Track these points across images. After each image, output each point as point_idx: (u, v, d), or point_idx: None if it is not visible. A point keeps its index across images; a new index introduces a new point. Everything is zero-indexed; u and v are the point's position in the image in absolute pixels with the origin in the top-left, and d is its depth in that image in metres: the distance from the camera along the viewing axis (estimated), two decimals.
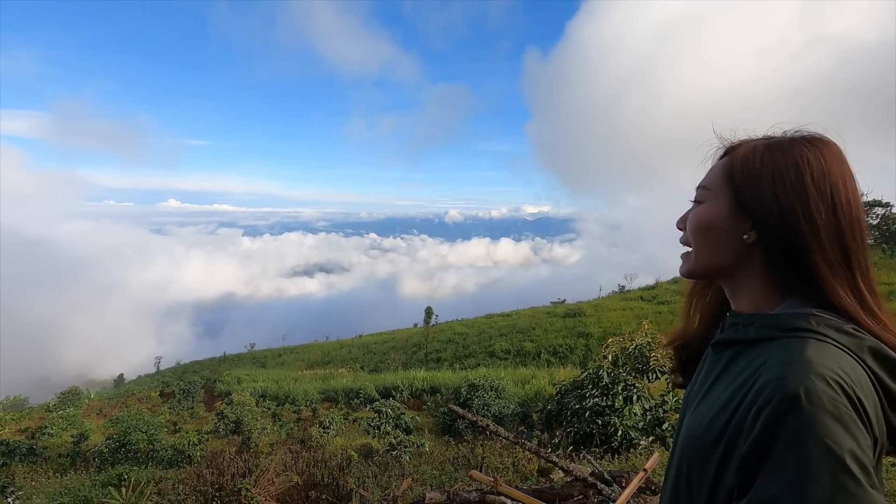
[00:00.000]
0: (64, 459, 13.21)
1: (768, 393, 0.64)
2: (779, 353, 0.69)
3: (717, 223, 0.80)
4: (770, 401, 0.63)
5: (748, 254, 0.78)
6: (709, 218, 0.81)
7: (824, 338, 0.69)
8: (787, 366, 0.65)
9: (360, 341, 44.54)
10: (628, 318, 31.04)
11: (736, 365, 0.77)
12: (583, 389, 7.98)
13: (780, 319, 0.74)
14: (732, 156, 0.81)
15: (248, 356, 46.79)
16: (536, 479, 4.34)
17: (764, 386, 0.65)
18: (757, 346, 0.75)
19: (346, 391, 21.24)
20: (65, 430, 17.29)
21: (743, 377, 0.72)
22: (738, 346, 0.79)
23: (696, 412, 0.79)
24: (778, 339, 0.72)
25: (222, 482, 3.33)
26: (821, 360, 0.65)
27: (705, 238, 0.82)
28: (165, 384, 28.15)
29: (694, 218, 0.84)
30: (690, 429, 0.77)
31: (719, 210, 0.80)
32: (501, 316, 42.25)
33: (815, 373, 0.63)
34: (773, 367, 0.67)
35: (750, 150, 0.79)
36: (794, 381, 0.63)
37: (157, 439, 13.05)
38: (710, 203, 0.82)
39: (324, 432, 13.32)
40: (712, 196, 0.82)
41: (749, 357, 0.75)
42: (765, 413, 0.63)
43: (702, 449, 0.72)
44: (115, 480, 7.82)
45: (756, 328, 0.76)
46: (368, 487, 3.69)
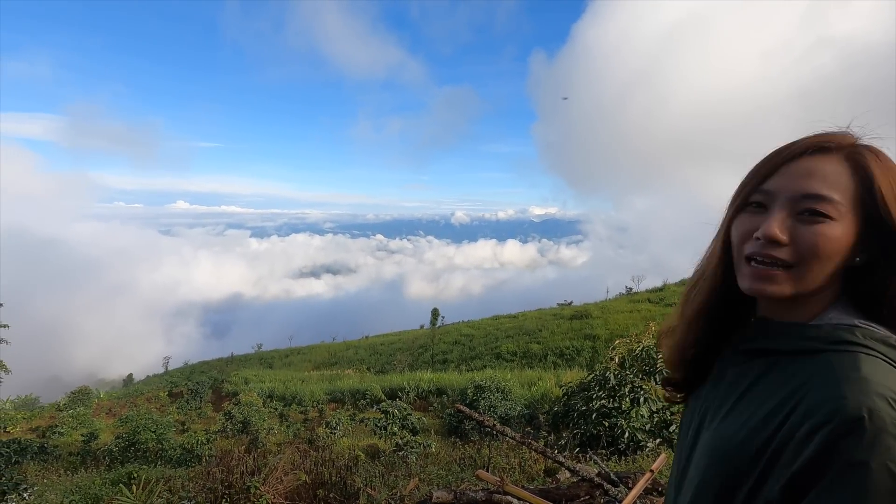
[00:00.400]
0: (74, 458, 13.36)
1: (825, 412, 0.61)
2: (830, 369, 0.65)
3: (849, 246, 0.70)
4: (829, 420, 0.60)
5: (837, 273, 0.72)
6: (844, 242, 0.69)
7: (873, 352, 0.66)
8: (845, 383, 0.62)
9: (367, 342, 44.62)
10: (635, 320, 30.88)
11: (773, 376, 0.72)
12: (589, 391, 7.97)
13: (824, 331, 0.70)
14: (862, 166, 0.71)
15: (255, 357, 47.02)
16: (543, 480, 4.35)
17: (819, 404, 0.62)
18: (797, 357, 0.70)
19: (352, 392, 21.30)
20: (75, 429, 17.47)
21: (785, 391, 0.68)
22: (773, 357, 0.74)
23: (724, 424, 0.74)
24: (823, 353, 0.68)
25: (232, 480, 3.37)
26: (879, 378, 0.62)
27: (830, 262, 0.70)
28: (174, 384, 28.36)
29: (825, 239, 0.69)
30: (720, 441, 0.72)
31: (853, 232, 0.70)
32: (508, 318, 42.18)
33: (875, 393, 0.60)
34: (828, 384, 0.63)
35: (883, 163, 0.71)
36: (854, 400, 0.60)
37: (166, 439, 13.17)
38: (842, 222, 0.69)
39: (330, 433, 13.38)
40: (845, 213, 0.69)
41: (790, 369, 0.70)
42: (823, 432, 0.60)
43: (736, 464, 0.68)
44: (125, 479, 7.90)
45: (797, 339, 0.71)
46: (376, 487, 3.72)
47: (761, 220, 0.73)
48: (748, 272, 0.74)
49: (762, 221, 0.73)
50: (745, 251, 0.74)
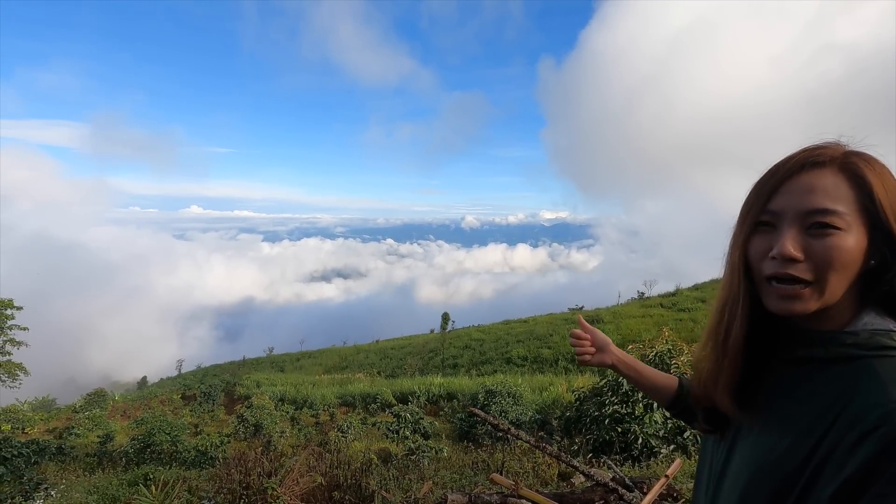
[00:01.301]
0: (91, 459, 13.56)
1: (877, 417, 0.61)
2: (875, 375, 0.65)
3: (861, 255, 0.71)
4: (879, 426, 0.60)
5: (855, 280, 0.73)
6: (856, 250, 0.71)
7: None
8: (893, 388, 0.62)
9: (377, 346, 44.72)
10: (648, 325, 30.60)
11: (811, 385, 0.72)
12: (602, 397, 7.93)
13: (863, 337, 0.70)
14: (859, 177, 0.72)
15: (266, 360, 47.34)
16: (557, 484, 4.35)
17: (868, 409, 0.62)
18: (835, 365, 0.71)
19: (363, 396, 21.35)
20: (91, 431, 17.72)
21: (828, 398, 0.68)
22: (811, 366, 0.74)
23: (762, 438, 0.74)
24: (864, 359, 0.68)
25: (249, 481, 3.43)
26: None
27: (847, 272, 0.71)
28: (187, 387, 28.65)
29: (840, 251, 0.70)
30: (763, 451, 0.72)
31: (863, 240, 0.71)
32: (518, 322, 42.04)
33: None
34: (875, 388, 0.64)
35: (881, 173, 0.72)
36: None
37: (180, 441, 13.32)
38: (851, 232, 0.71)
39: (342, 436, 13.44)
40: (851, 223, 0.71)
41: (828, 377, 0.70)
42: (874, 437, 0.60)
43: (783, 472, 0.68)
44: (142, 479, 8.02)
45: (836, 346, 0.71)
46: (390, 489, 3.76)
47: (774, 239, 0.74)
48: (772, 292, 0.74)
49: (775, 241, 0.74)
50: (765, 272, 0.75)
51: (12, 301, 17.16)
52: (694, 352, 0.95)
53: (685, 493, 3.50)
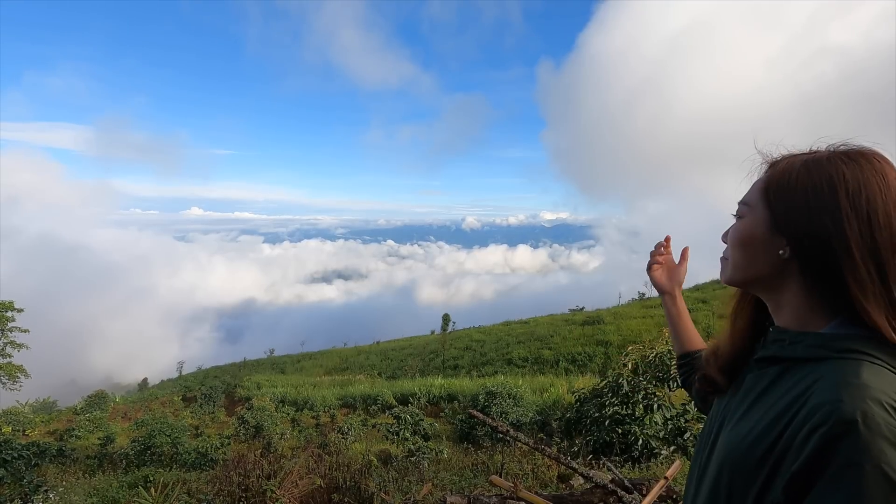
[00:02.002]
0: (92, 461, 13.55)
1: (822, 415, 0.63)
2: (832, 375, 0.68)
3: (753, 238, 0.81)
4: (825, 422, 0.62)
5: (787, 269, 0.78)
6: (746, 233, 0.82)
7: (878, 361, 0.68)
8: (843, 388, 0.65)
9: (378, 348, 44.71)
10: (648, 326, 30.55)
11: (782, 383, 0.76)
12: (602, 398, 7.92)
13: (831, 339, 0.73)
14: (770, 172, 0.82)
15: (267, 362, 47.33)
16: (556, 486, 4.34)
17: (817, 407, 0.65)
18: (805, 365, 0.74)
19: (363, 397, 21.34)
20: (92, 433, 17.73)
21: (791, 396, 0.71)
22: (785, 364, 0.78)
23: (737, 428, 0.78)
24: (829, 360, 0.71)
25: (248, 483, 3.43)
26: (878, 384, 0.65)
27: (742, 251, 0.83)
28: (188, 388, 28.69)
29: (732, 232, 0.85)
30: (732, 445, 0.76)
31: (756, 225, 0.81)
32: (519, 323, 42.00)
33: (872, 397, 0.63)
34: (828, 388, 0.66)
35: (787, 166, 0.79)
36: (850, 404, 0.62)
37: (181, 442, 13.32)
38: (748, 218, 0.83)
39: (342, 438, 13.43)
40: (750, 212, 0.83)
41: (797, 376, 0.74)
42: (818, 434, 0.62)
43: (746, 466, 0.72)
44: (142, 482, 8.02)
45: (805, 347, 0.75)
46: (389, 491, 3.75)
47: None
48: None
49: None
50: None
51: (13, 303, 17.18)
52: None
53: (684, 494, 3.49)
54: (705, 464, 0.85)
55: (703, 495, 0.81)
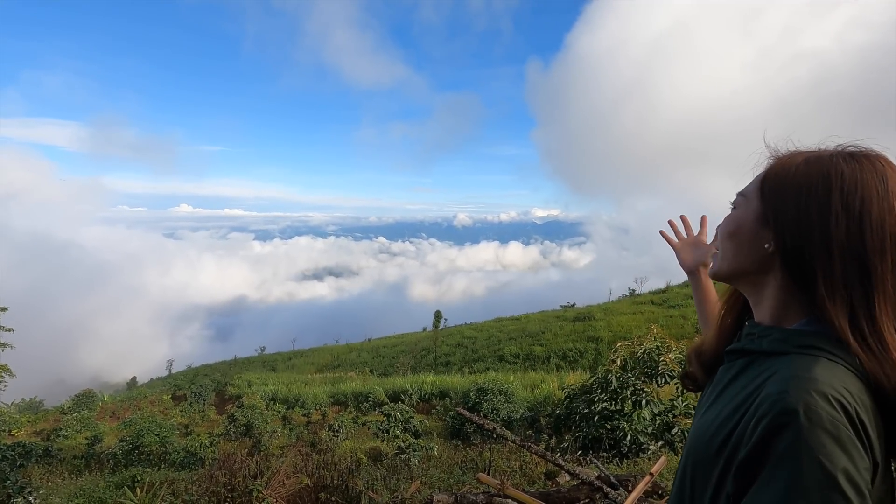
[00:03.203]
0: (79, 461, 13.41)
1: (767, 405, 0.64)
2: (785, 368, 0.69)
3: (743, 229, 0.81)
4: (768, 413, 0.64)
5: (770, 264, 0.78)
6: (736, 223, 0.82)
7: (836, 358, 0.68)
8: (791, 381, 0.66)
9: (370, 345, 44.64)
10: (639, 322, 30.79)
11: (746, 375, 0.77)
12: (591, 394, 7.96)
13: (794, 335, 0.74)
14: (770, 165, 0.81)
15: (258, 360, 47.10)
16: (543, 483, 4.36)
17: (765, 398, 0.66)
18: (768, 358, 0.75)
19: (355, 395, 21.31)
20: (79, 433, 17.53)
21: (750, 388, 0.72)
22: (750, 357, 0.79)
23: (703, 418, 0.80)
24: (789, 354, 0.72)
25: (234, 483, 3.39)
26: (826, 378, 0.65)
27: (731, 242, 0.83)
28: (177, 387, 28.44)
29: (724, 222, 0.86)
30: (695, 437, 0.78)
31: (747, 216, 0.81)
32: (511, 320, 42.15)
33: (816, 390, 0.63)
34: (777, 380, 0.67)
35: (787, 161, 0.79)
36: (794, 395, 0.63)
37: (170, 442, 13.20)
38: (741, 209, 0.83)
39: (333, 435, 13.39)
40: (745, 203, 0.82)
41: (759, 369, 0.75)
42: (762, 424, 0.63)
43: (706, 455, 0.73)
44: (129, 482, 7.94)
45: (770, 341, 0.76)
46: (377, 490, 3.74)
47: None
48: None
49: None
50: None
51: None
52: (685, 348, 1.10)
53: (670, 489, 3.52)
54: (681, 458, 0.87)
55: (674, 489, 0.83)
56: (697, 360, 0.94)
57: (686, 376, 1.00)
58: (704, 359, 0.93)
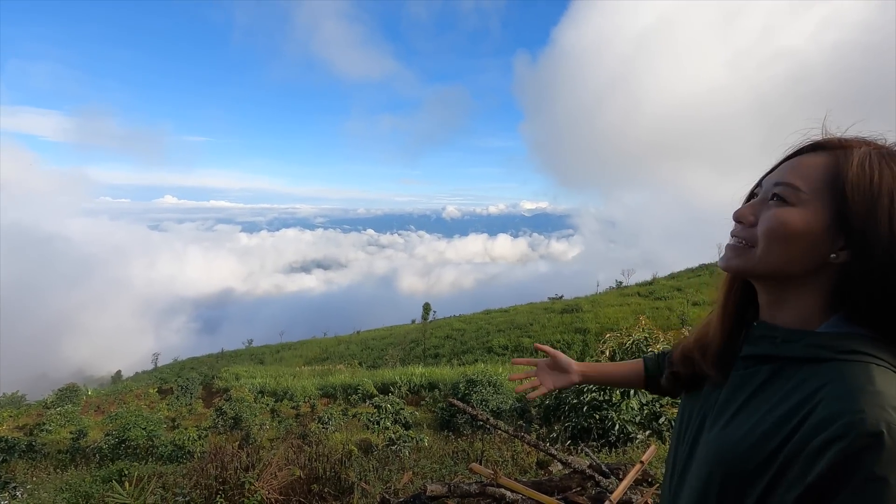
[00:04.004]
0: (63, 456, 13.25)
1: (842, 425, 0.59)
2: (842, 379, 0.64)
3: (805, 233, 0.69)
4: (846, 434, 0.58)
5: (823, 270, 0.70)
6: (800, 226, 0.69)
7: (882, 363, 0.64)
8: (860, 396, 0.60)
9: (358, 337, 44.63)
10: (626, 313, 31.17)
11: (779, 384, 0.70)
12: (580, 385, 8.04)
13: (832, 339, 0.68)
14: (841, 161, 0.70)
15: (245, 353, 46.85)
16: (535, 472, 4.41)
17: (835, 416, 0.60)
18: (802, 365, 0.69)
19: (344, 387, 21.29)
20: (63, 427, 17.31)
21: (795, 399, 0.66)
22: (777, 363, 0.72)
23: (730, 429, 0.72)
24: (831, 362, 0.66)
25: (226, 476, 3.38)
26: (893, 391, 0.61)
27: (784, 244, 0.70)
28: (163, 381, 28.14)
29: (777, 221, 0.71)
30: (724, 448, 0.70)
31: (815, 220, 0.69)
32: (499, 312, 42.41)
33: (893, 406, 0.59)
34: (842, 395, 0.62)
35: (865, 159, 0.68)
36: (873, 415, 0.58)
37: (157, 435, 13.10)
38: (802, 209, 0.70)
39: (323, 428, 13.39)
40: (806, 201, 0.70)
41: (796, 377, 0.69)
42: (840, 446, 0.58)
43: (743, 470, 0.67)
44: (116, 476, 7.85)
45: (804, 346, 0.69)
46: (370, 481, 3.75)
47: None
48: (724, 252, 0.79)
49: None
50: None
51: None
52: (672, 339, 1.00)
53: (659, 477, 3.58)
54: (685, 463, 0.80)
55: (687, 497, 0.76)
56: (704, 359, 0.85)
57: (674, 377, 0.93)
58: (714, 356, 0.83)
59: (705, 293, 33.24)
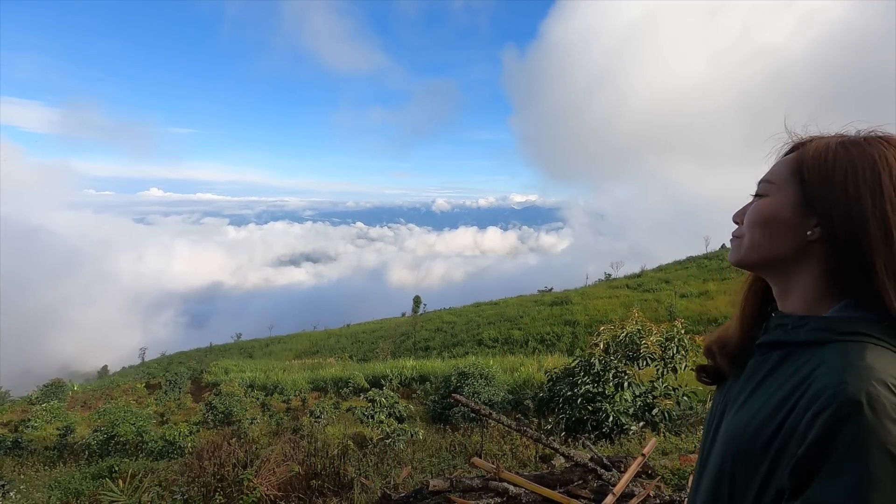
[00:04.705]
0: (51, 452, 13.06)
1: (827, 397, 0.62)
2: (835, 357, 0.67)
3: (781, 217, 0.77)
4: (829, 405, 0.61)
5: (807, 251, 0.76)
6: (772, 211, 0.78)
7: (882, 343, 0.67)
8: (847, 370, 0.64)
9: (349, 331, 44.55)
10: (614, 305, 31.44)
11: (785, 367, 0.75)
12: (574, 377, 8.07)
13: (835, 322, 0.72)
14: (803, 150, 0.78)
15: (235, 346, 46.57)
16: (535, 465, 4.42)
17: (822, 390, 0.64)
18: (808, 349, 0.73)
19: (335, 380, 21.26)
20: (49, 423, 17.07)
21: (795, 380, 0.70)
22: (787, 349, 0.76)
23: (740, 413, 0.77)
24: (832, 343, 0.70)
25: (224, 473, 3.33)
26: (882, 366, 0.64)
27: (764, 230, 0.79)
28: (151, 375, 27.90)
29: (754, 211, 0.81)
30: (736, 430, 0.75)
31: (784, 203, 0.77)
32: (489, 304, 42.52)
33: (876, 379, 0.62)
34: (831, 371, 0.65)
35: (823, 146, 0.76)
36: (855, 386, 0.61)
37: (146, 431, 12.95)
38: (773, 197, 0.79)
39: (315, 421, 13.34)
40: (776, 190, 0.79)
41: (800, 360, 0.73)
42: (823, 417, 0.61)
43: (751, 451, 0.71)
44: (107, 472, 7.76)
45: (808, 330, 0.74)
46: (369, 476, 3.72)
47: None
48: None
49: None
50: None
51: None
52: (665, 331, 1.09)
53: (659, 469, 3.60)
54: (707, 453, 0.84)
55: (706, 485, 0.80)
56: (722, 353, 0.91)
57: (703, 370, 0.96)
58: (730, 350, 0.90)
59: (693, 285, 33.67)
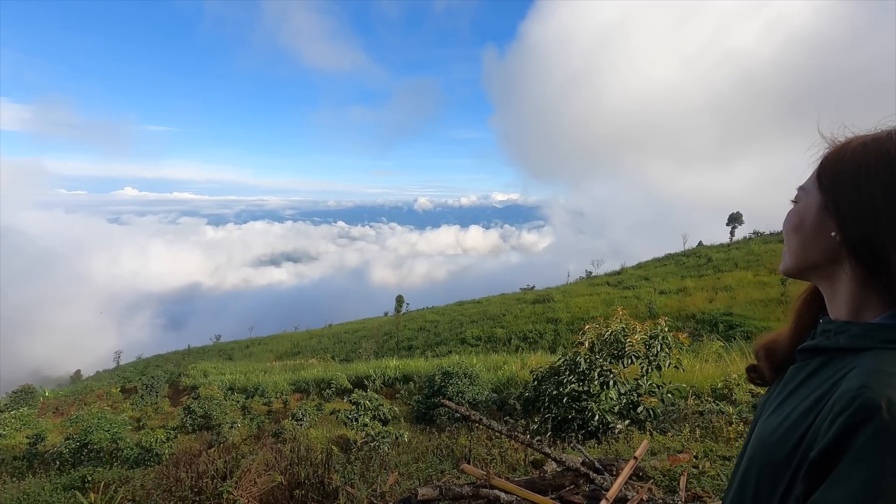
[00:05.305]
0: (20, 462, 12.59)
1: (846, 401, 0.62)
2: (867, 363, 0.66)
3: (806, 221, 0.78)
4: (847, 408, 0.61)
5: (839, 254, 0.74)
6: (799, 216, 0.80)
7: None
8: (871, 375, 0.63)
9: (330, 331, 44.14)
10: (595, 303, 31.74)
11: (821, 374, 0.74)
12: (560, 376, 8.06)
13: (876, 329, 0.70)
14: (826, 153, 0.79)
15: (213, 349, 45.75)
16: (525, 469, 4.35)
17: (844, 393, 0.63)
18: (847, 355, 0.72)
19: (317, 382, 20.98)
20: (18, 431, 16.45)
21: (826, 387, 0.69)
22: (827, 355, 0.76)
23: (770, 419, 0.77)
24: (870, 350, 0.68)
25: (202, 485, 3.17)
26: None
27: (796, 236, 0.80)
28: (127, 379, 27.18)
29: (786, 218, 0.83)
30: (764, 435, 0.75)
31: (808, 208, 0.78)
32: (472, 303, 42.58)
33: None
34: (857, 375, 0.65)
35: (843, 146, 0.76)
36: (877, 390, 0.60)
37: (121, 437, 12.55)
38: (802, 202, 0.81)
39: (297, 424, 13.11)
40: (805, 195, 0.80)
41: (836, 367, 0.72)
42: (840, 420, 0.61)
43: (776, 457, 0.70)
44: (79, 483, 7.47)
45: (848, 336, 0.72)
46: (354, 484, 3.61)
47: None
48: None
49: None
50: None
51: None
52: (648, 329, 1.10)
53: (649, 470, 3.56)
54: (741, 456, 0.84)
55: (734, 488, 0.81)
56: (768, 358, 0.91)
57: (753, 370, 0.97)
58: (776, 356, 0.89)
59: (672, 282, 34.20)
